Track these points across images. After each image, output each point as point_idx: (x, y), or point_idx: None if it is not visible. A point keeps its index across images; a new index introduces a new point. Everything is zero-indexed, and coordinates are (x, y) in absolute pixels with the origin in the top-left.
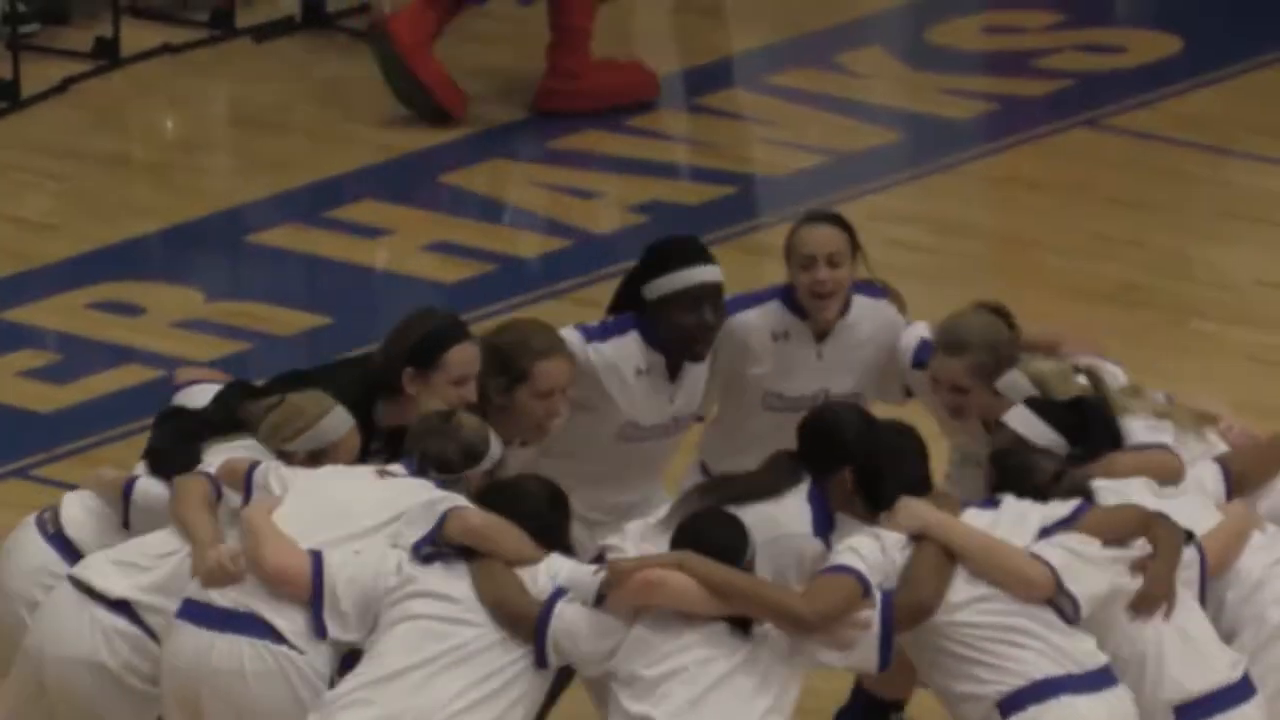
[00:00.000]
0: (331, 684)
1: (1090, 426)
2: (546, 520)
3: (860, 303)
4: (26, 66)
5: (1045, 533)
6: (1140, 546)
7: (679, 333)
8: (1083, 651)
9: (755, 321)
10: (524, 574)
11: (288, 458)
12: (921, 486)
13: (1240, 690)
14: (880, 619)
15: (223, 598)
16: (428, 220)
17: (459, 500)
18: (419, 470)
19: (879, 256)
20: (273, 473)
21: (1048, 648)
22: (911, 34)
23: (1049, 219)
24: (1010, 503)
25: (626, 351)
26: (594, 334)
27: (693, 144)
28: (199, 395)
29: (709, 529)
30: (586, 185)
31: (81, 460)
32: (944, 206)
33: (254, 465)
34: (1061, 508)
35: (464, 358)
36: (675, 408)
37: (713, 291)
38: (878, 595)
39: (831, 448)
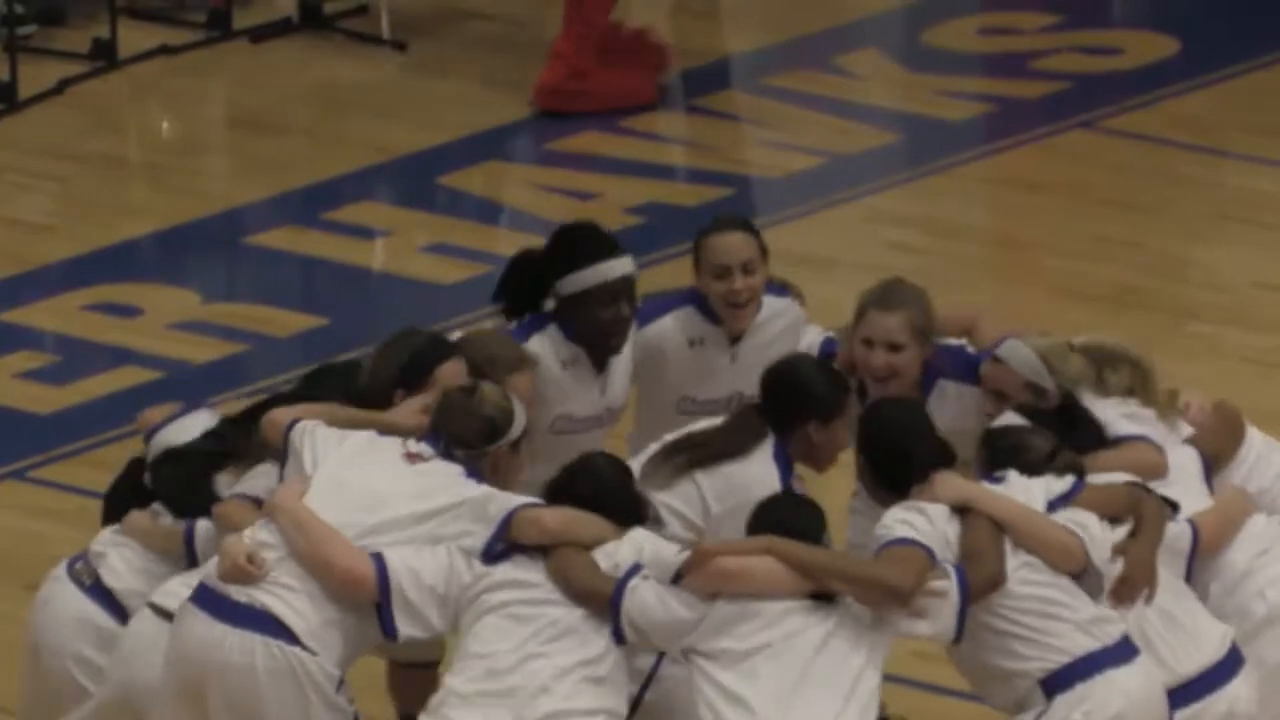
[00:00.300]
0: (340, 686)
1: (1077, 427)
2: (624, 497)
3: (768, 302)
4: (24, 68)
5: (1051, 507)
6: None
7: (597, 327)
8: (1107, 623)
9: (671, 329)
10: (601, 553)
11: None
12: (946, 456)
13: (1229, 665)
14: (958, 590)
15: (238, 592)
16: (425, 222)
17: (512, 499)
18: (445, 451)
19: (875, 258)
20: (308, 435)
21: (1082, 621)
22: (908, 36)
23: (1046, 221)
24: (1015, 478)
25: (548, 347)
26: (516, 333)
27: (690, 146)
28: (178, 433)
29: (787, 514)
30: (584, 187)
31: (79, 462)
32: (940, 208)
33: (294, 422)
34: (1061, 483)
35: (453, 374)
36: (607, 399)
37: (628, 285)
38: (947, 566)
39: (795, 401)
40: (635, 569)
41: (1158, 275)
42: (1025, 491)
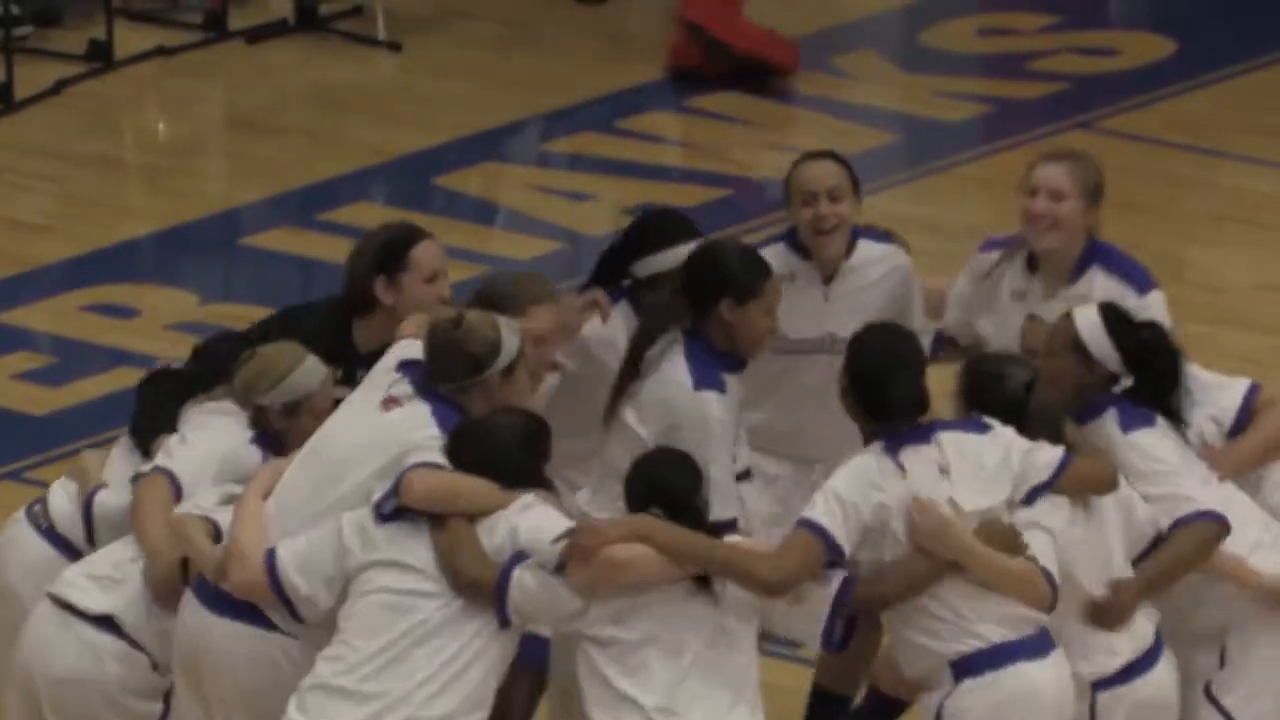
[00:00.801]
0: None
1: (1155, 360)
2: (514, 461)
3: (866, 246)
4: (20, 69)
5: (1031, 497)
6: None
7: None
8: (1029, 613)
9: None
10: (483, 527)
11: (262, 412)
12: (923, 401)
13: (1151, 656)
14: (832, 597)
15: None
16: (421, 222)
17: (428, 456)
18: (425, 385)
19: None
20: None
21: (1008, 611)
22: (906, 37)
23: None
24: (999, 436)
25: (617, 325)
26: None
27: (687, 147)
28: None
29: (659, 472)
30: (580, 188)
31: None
32: (938, 208)
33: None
34: (1044, 465)
35: (430, 253)
36: None
37: None
38: (831, 574)
39: (708, 280)
40: (518, 557)
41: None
42: (1003, 463)
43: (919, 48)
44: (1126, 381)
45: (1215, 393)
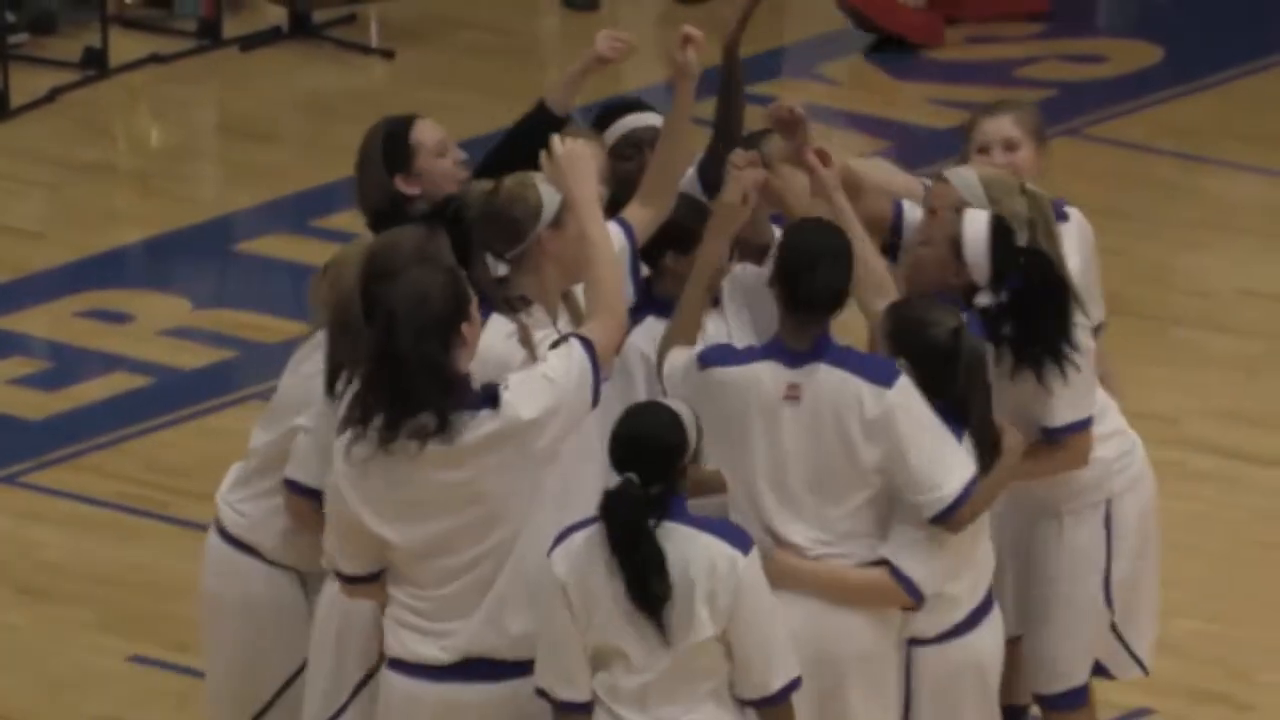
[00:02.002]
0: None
1: (1029, 292)
2: None
3: None
4: (15, 76)
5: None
6: None
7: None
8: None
9: None
10: None
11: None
12: (841, 296)
13: (974, 617)
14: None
15: None
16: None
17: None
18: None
19: None
20: None
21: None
22: (895, 44)
23: None
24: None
25: None
26: None
27: None
28: None
29: (634, 421)
30: None
31: (71, 467)
32: None
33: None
34: (927, 505)
35: (429, 128)
36: None
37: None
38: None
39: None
40: None
41: (1142, 281)
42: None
43: (907, 55)
44: (985, 301)
45: None
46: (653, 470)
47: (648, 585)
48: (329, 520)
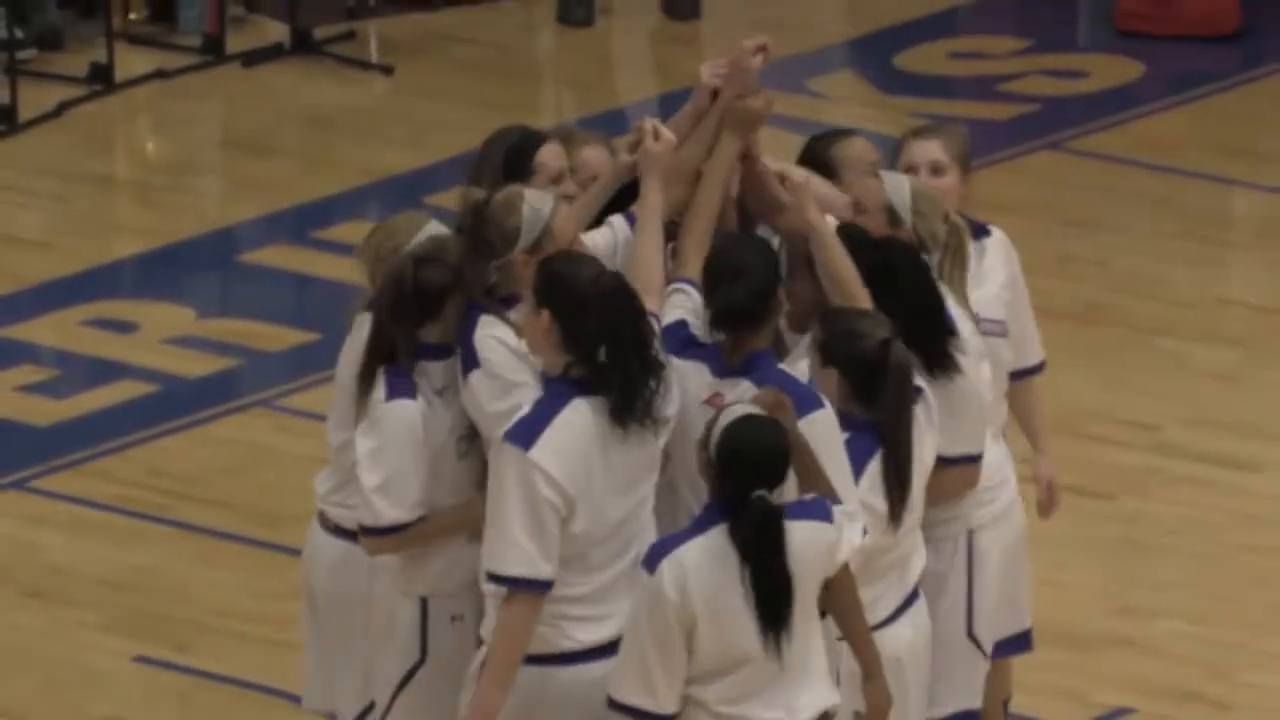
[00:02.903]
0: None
1: (899, 284)
2: None
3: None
4: (23, 91)
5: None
6: None
7: None
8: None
9: None
10: None
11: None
12: (775, 303)
13: (895, 613)
14: None
15: None
16: None
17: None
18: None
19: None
20: None
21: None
22: (881, 60)
23: (1014, 240)
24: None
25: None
26: None
27: None
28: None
29: (748, 439)
30: None
31: (77, 473)
32: None
33: None
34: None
35: (555, 154)
36: None
37: None
38: None
39: None
40: None
41: (1124, 292)
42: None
43: (893, 70)
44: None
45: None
46: (775, 480)
47: (787, 589)
48: (512, 509)
